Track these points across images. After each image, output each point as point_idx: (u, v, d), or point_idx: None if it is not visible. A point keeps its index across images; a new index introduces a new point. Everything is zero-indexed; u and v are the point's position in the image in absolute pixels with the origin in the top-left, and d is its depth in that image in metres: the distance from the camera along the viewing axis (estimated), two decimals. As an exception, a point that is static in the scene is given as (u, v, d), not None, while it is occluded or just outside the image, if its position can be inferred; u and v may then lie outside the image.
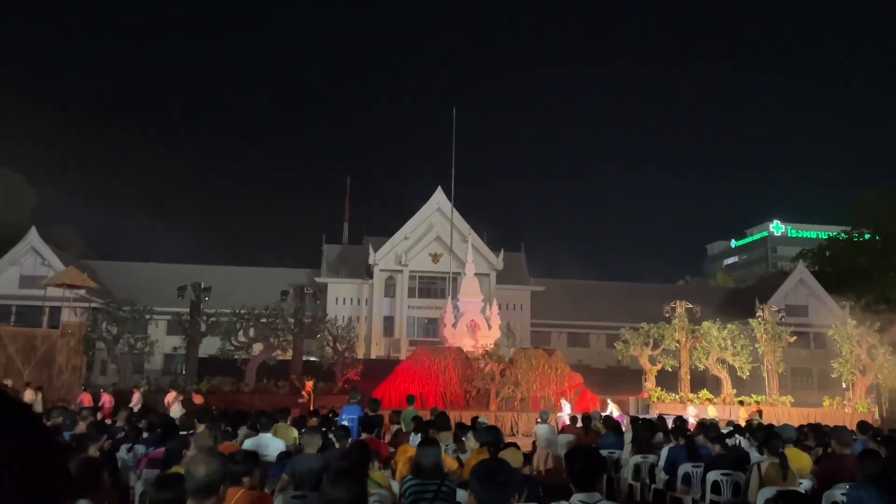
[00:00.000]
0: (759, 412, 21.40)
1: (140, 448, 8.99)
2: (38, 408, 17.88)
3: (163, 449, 7.72)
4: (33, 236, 45.43)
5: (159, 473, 5.74)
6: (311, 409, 19.10)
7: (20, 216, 50.54)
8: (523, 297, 51.15)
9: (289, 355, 30.83)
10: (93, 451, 6.55)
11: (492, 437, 7.81)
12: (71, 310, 34.36)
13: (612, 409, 21.36)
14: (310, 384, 24.12)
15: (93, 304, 35.43)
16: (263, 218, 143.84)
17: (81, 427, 9.46)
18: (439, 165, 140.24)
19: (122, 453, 8.89)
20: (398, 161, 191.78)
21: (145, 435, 9.65)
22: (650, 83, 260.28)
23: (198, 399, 22.20)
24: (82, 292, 34.77)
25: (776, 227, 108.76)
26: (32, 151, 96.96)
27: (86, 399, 21.80)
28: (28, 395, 19.43)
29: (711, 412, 23.22)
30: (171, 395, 21.21)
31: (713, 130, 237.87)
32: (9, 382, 20.88)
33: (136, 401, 22.02)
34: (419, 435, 9.32)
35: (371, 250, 48.98)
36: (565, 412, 21.26)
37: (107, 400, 22.23)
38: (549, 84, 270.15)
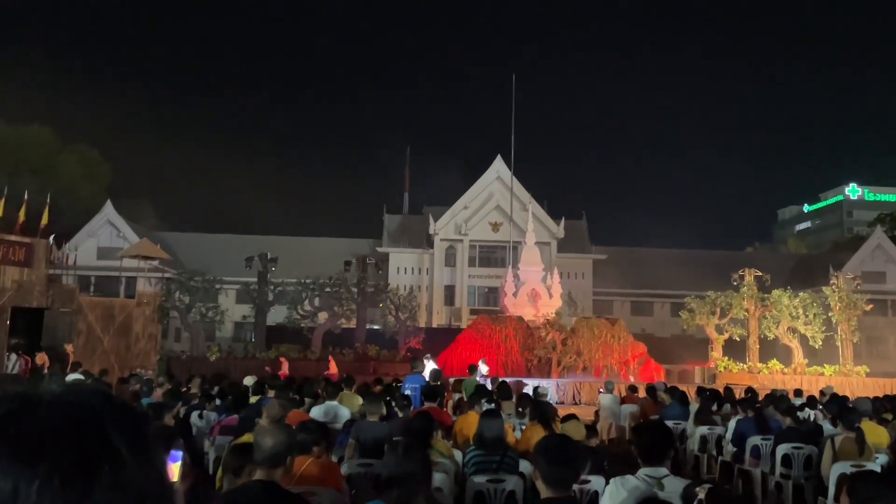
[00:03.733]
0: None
1: (212, 415, 9.37)
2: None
3: (236, 416, 8.02)
4: (109, 209, 47.38)
5: (232, 440, 5.97)
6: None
7: (96, 190, 52.76)
8: (585, 266, 50.55)
9: (353, 324, 31.48)
10: (168, 419, 6.85)
11: (538, 413, 7.48)
12: (146, 280, 35.74)
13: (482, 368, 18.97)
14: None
15: (166, 275, 36.76)
16: (326, 189, 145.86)
17: (158, 394, 9.91)
18: (499, 134, 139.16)
19: (195, 419, 9.29)
20: (458, 131, 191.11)
21: (217, 402, 10.04)
22: (718, 46, 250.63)
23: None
24: (156, 263, 36.07)
25: (852, 191, 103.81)
26: (107, 128, 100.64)
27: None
28: (39, 359, 19.98)
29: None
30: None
31: (785, 90, 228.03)
32: (68, 347, 21.54)
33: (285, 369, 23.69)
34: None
35: (431, 220, 49.13)
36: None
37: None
38: (612, 51, 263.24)
